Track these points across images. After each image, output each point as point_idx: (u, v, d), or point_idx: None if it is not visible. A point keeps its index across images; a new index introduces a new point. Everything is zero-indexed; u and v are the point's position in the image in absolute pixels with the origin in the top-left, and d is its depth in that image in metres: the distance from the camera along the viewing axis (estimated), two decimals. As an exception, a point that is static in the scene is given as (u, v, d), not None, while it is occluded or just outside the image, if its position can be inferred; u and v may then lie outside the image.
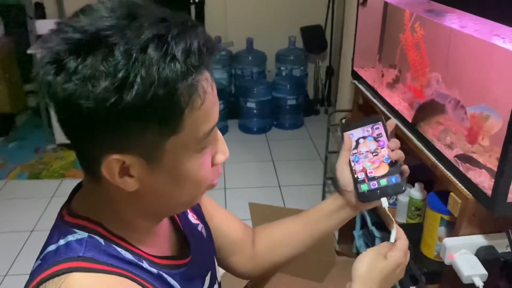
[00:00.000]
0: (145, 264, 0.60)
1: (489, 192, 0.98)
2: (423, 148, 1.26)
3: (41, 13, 3.46)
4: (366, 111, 1.84)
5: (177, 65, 0.48)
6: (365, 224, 1.93)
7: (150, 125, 0.50)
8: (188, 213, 0.78)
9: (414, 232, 1.35)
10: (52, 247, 0.57)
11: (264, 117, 3.58)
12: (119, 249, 0.58)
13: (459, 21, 1.20)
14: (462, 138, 1.16)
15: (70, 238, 0.57)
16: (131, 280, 0.56)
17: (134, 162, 0.52)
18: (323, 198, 2.58)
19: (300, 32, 3.73)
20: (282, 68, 3.69)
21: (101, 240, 0.57)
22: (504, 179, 0.93)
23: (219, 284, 0.83)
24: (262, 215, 2.01)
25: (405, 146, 1.61)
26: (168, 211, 0.65)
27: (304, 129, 3.65)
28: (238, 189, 2.77)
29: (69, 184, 2.89)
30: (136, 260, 0.59)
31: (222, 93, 3.47)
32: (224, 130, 3.52)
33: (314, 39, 3.73)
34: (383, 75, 1.66)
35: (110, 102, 0.47)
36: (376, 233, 1.75)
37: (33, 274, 0.56)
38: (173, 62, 0.48)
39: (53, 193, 2.70)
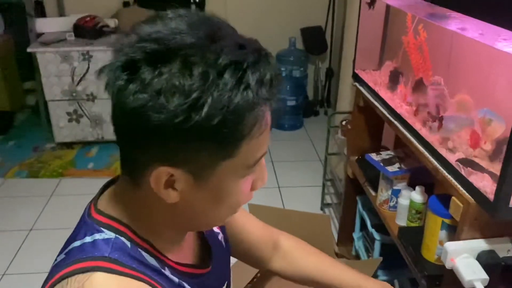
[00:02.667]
0: (167, 272, 0.60)
1: (491, 196, 0.98)
2: (425, 152, 1.26)
3: (41, 11, 3.45)
4: (366, 113, 1.84)
5: (250, 94, 0.48)
6: (365, 226, 1.93)
7: (208, 146, 0.50)
8: None
9: (414, 235, 1.35)
10: (77, 243, 0.57)
11: (264, 118, 3.58)
12: (144, 253, 0.58)
13: (462, 25, 1.20)
14: (464, 142, 1.15)
15: (97, 236, 0.57)
16: (152, 287, 0.56)
17: (182, 177, 0.53)
18: (322, 199, 2.58)
19: (301, 33, 3.73)
20: (282, 69, 3.68)
21: (128, 243, 0.57)
22: (506, 184, 0.92)
23: None
24: (262, 216, 2.00)
25: (406, 149, 1.62)
26: (197, 226, 0.66)
27: (303, 130, 3.64)
28: (237, 189, 2.77)
29: (68, 183, 2.92)
30: (159, 267, 0.59)
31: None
32: (223, 131, 3.52)
33: (314, 40, 3.73)
34: (385, 78, 1.66)
35: (179, 120, 0.47)
36: (376, 235, 1.76)
37: (55, 268, 0.56)
38: (246, 90, 0.48)
39: (52, 192, 2.69)
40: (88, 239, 0.57)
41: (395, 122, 1.45)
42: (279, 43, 3.69)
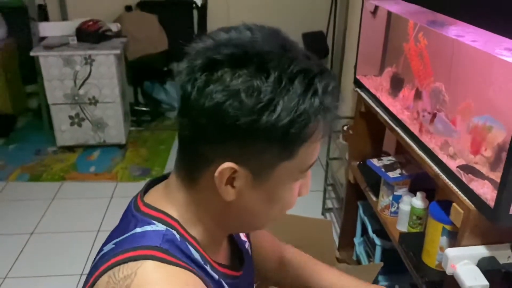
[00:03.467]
0: (208, 268, 0.62)
1: (491, 203, 0.98)
2: (426, 158, 1.27)
3: (44, 15, 3.47)
4: (368, 118, 1.84)
5: (316, 101, 0.53)
6: (366, 231, 1.94)
7: (273, 146, 0.54)
8: None
9: (415, 241, 1.36)
10: (127, 234, 0.59)
11: (265, 122, 3.59)
12: (190, 247, 0.60)
13: (463, 32, 1.20)
14: (465, 149, 1.16)
15: (148, 228, 0.59)
16: (199, 278, 0.58)
17: (243, 175, 0.56)
18: (324, 204, 2.58)
19: (302, 38, 3.74)
20: (284, 73, 3.70)
21: (177, 236, 0.59)
22: (507, 190, 0.93)
23: None
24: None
25: (407, 155, 1.62)
26: (243, 228, 0.69)
27: (304, 135, 3.65)
28: (239, 194, 2.78)
29: (69, 187, 2.92)
30: (202, 263, 0.61)
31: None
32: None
33: (316, 45, 3.74)
34: (386, 83, 1.67)
35: (253, 118, 0.51)
36: (377, 240, 1.76)
37: (104, 257, 0.58)
38: (314, 97, 0.53)
39: (54, 196, 2.70)
40: (138, 230, 0.59)
41: (397, 128, 1.45)
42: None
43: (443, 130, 1.28)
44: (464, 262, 1.05)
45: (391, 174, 1.54)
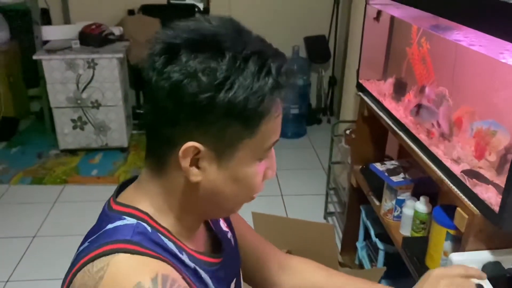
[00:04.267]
0: (184, 257, 0.64)
1: (496, 208, 0.98)
2: (429, 162, 1.27)
3: (46, 19, 3.48)
4: (370, 123, 1.84)
5: (270, 79, 0.57)
6: (368, 236, 1.93)
7: (233, 124, 0.57)
8: (219, 220, 0.82)
9: (418, 245, 1.36)
10: (99, 232, 0.61)
11: (267, 126, 3.59)
12: (163, 238, 0.62)
13: (466, 37, 1.21)
14: (469, 153, 1.16)
15: (119, 223, 0.61)
16: (172, 267, 0.59)
17: (207, 155, 0.59)
18: (326, 208, 2.58)
19: (304, 41, 3.75)
20: (285, 77, 3.70)
21: (148, 228, 0.61)
22: (511, 195, 0.93)
23: None
24: (265, 224, 2.01)
25: (410, 159, 1.62)
26: (215, 212, 0.70)
27: (306, 138, 3.65)
28: (241, 197, 2.78)
29: (72, 190, 2.92)
30: (177, 251, 0.63)
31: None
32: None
33: (318, 49, 3.75)
34: (389, 88, 1.67)
35: (210, 95, 0.54)
36: (380, 244, 1.76)
37: (79, 255, 0.59)
38: (268, 76, 0.57)
39: (56, 199, 2.70)
40: (110, 226, 0.61)
41: (400, 133, 1.45)
42: (283, 51, 3.69)
43: (427, 115, 1.30)
44: (469, 267, 1.04)
45: (394, 178, 1.54)
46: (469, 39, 1.19)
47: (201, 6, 3.54)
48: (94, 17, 3.32)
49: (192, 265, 0.64)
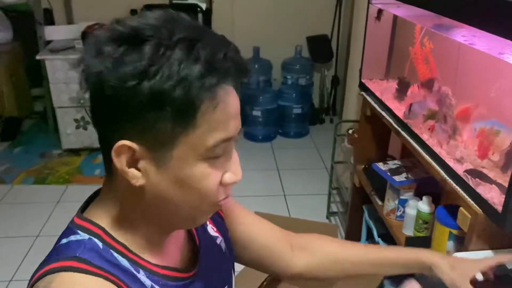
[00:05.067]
0: (140, 274, 0.60)
1: (499, 208, 0.98)
2: (432, 162, 1.26)
3: (49, 19, 3.49)
4: (373, 122, 1.84)
5: (197, 67, 0.52)
6: (371, 235, 1.93)
7: (163, 116, 0.53)
8: (207, 225, 0.78)
9: (421, 245, 1.35)
10: (55, 246, 0.60)
11: (270, 125, 3.58)
12: (116, 255, 0.59)
13: (470, 36, 1.20)
14: (472, 153, 1.16)
15: (72, 238, 0.59)
16: (117, 286, 0.57)
17: (144, 155, 0.55)
18: (328, 208, 2.58)
19: (306, 41, 3.75)
20: (288, 77, 3.70)
21: (100, 244, 0.59)
22: (515, 195, 0.92)
23: None
24: (268, 224, 2.01)
25: (413, 159, 1.62)
26: (173, 222, 0.64)
27: (309, 138, 3.65)
28: (243, 197, 2.77)
29: (74, 190, 2.93)
30: (132, 269, 0.60)
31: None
32: (229, 138, 3.53)
33: (320, 49, 3.74)
34: (392, 87, 1.66)
35: (132, 84, 0.51)
36: (383, 244, 1.75)
37: (35, 272, 0.58)
38: (195, 63, 0.52)
39: (59, 199, 2.70)
40: (64, 241, 0.60)
41: (402, 132, 1.45)
42: (285, 51, 3.71)
43: (419, 109, 1.29)
44: (472, 267, 1.04)
45: (397, 178, 1.54)
46: (472, 38, 1.19)
47: (203, 6, 3.54)
48: (97, 17, 3.32)
49: (149, 283, 0.61)
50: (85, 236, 0.59)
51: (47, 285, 0.54)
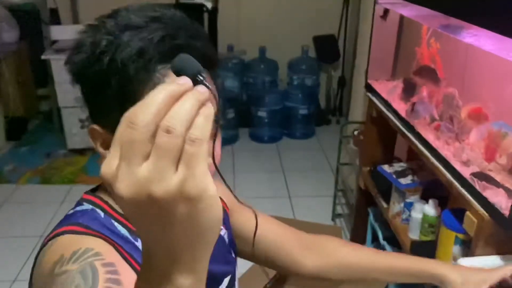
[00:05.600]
0: (139, 242, 0.64)
1: (506, 212, 0.95)
2: (439, 165, 1.24)
3: (55, 19, 3.49)
4: (379, 124, 1.82)
5: (133, 51, 0.56)
6: (376, 238, 1.91)
7: (110, 100, 0.58)
8: None
9: (427, 249, 1.33)
10: (64, 216, 0.67)
11: (275, 126, 3.57)
12: (116, 224, 0.65)
13: (477, 37, 1.18)
14: (478, 156, 1.13)
15: (78, 208, 0.66)
16: (115, 249, 0.61)
17: (110, 137, 0.56)
18: (334, 210, 2.56)
19: (313, 41, 3.73)
20: (294, 77, 3.68)
21: (102, 214, 0.65)
22: (523, 200, 0.90)
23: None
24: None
25: (419, 161, 1.59)
26: None
27: (315, 139, 3.62)
28: (248, 199, 2.75)
29: (79, 190, 2.89)
30: (131, 238, 0.65)
31: (233, 101, 3.46)
32: (234, 139, 3.52)
33: (327, 49, 3.72)
34: (398, 88, 1.64)
35: (84, 71, 0.59)
36: (388, 248, 1.73)
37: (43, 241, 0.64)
38: (131, 48, 0.56)
39: (63, 199, 2.71)
40: (71, 211, 0.67)
41: (408, 134, 1.43)
42: (292, 51, 3.69)
43: (423, 110, 1.29)
44: (478, 272, 1.01)
45: (402, 181, 1.51)
46: (480, 38, 1.16)
47: (209, 5, 3.53)
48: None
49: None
50: (89, 206, 0.66)
51: (49, 248, 0.60)
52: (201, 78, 0.36)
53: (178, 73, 0.36)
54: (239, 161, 3.23)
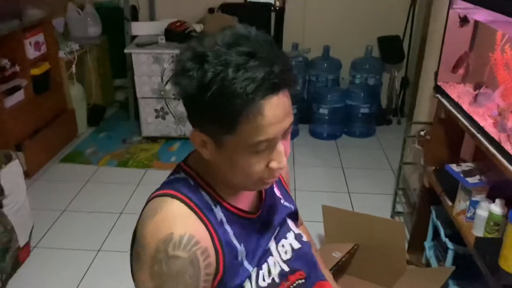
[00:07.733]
0: (217, 208, 0.83)
1: None
2: (508, 165, 1.30)
3: (134, 15, 3.76)
4: (447, 125, 1.87)
5: (237, 86, 0.68)
6: (437, 236, 1.96)
7: (212, 120, 0.73)
8: (274, 188, 0.99)
9: (492, 246, 1.39)
10: (165, 180, 0.87)
11: (335, 124, 3.65)
12: (202, 192, 0.83)
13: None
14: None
15: (176, 175, 0.86)
16: (193, 212, 0.79)
17: (208, 140, 0.77)
18: (394, 208, 2.62)
19: (377, 41, 3.77)
20: (357, 76, 3.74)
21: (192, 181, 0.84)
22: None
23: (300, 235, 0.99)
24: (334, 218, 2.09)
25: (487, 162, 1.64)
26: (235, 184, 0.83)
27: (375, 138, 3.67)
28: (307, 191, 2.87)
29: (153, 174, 3.17)
30: (211, 203, 0.82)
31: (294, 98, 3.56)
32: (294, 134, 3.63)
33: (391, 50, 3.75)
34: (469, 91, 1.69)
35: (195, 96, 0.71)
36: (450, 245, 1.78)
37: (150, 195, 0.84)
38: (236, 84, 0.68)
39: (139, 181, 2.95)
40: (172, 177, 0.86)
41: (478, 135, 1.49)
42: (356, 51, 3.75)
43: (484, 100, 1.39)
44: (544, 267, 1.07)
45: (470, 180, 1.57)
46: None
47: (277, 4, 3.66)
48: (177, 15, 3.54)
49: (219, 217, 0.82)
50: (183, 175, 0.85)
51: (151, 204, 0.80)
52: None
53: None
54: (298, 155, 3.34)
